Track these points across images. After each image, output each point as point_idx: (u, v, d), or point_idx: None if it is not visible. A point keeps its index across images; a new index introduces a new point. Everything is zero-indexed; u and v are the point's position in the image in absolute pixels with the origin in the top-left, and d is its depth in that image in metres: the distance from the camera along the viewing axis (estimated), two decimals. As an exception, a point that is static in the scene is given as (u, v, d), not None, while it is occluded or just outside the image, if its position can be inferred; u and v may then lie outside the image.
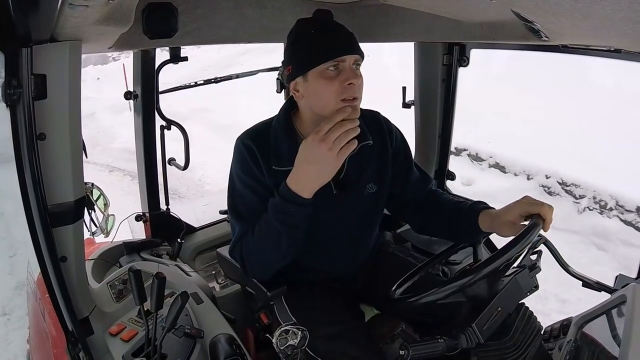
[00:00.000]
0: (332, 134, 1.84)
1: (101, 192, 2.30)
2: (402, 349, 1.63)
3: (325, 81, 2.02)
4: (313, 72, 2.04)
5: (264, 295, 2.25)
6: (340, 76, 2.01)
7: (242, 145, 2.18)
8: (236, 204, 2.18)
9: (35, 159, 1.60)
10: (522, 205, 1.97)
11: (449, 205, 2.37)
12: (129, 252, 3.11)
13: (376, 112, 2.47)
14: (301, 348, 1.86)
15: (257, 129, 2.28)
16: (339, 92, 2.01)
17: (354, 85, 2.00)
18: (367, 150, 2.31)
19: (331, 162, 1.88)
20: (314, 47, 2.04)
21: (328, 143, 1.84)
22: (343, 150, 1.86)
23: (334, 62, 2.00)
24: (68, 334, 1.90)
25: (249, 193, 2.13)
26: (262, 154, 2.14)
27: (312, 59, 2.04)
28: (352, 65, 2.03)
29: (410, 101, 3.65)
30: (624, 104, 8.62)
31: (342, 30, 2.10)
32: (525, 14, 1.67)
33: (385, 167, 2.36)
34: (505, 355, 1.74)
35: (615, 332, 1.60)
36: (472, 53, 3.34)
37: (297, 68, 2.11)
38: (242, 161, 2.17)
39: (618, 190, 7.77)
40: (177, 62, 2.95)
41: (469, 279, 1.71)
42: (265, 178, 2.13)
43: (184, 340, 1.96)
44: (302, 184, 1.94)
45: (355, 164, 2.27)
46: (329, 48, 2.02)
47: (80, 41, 1.67)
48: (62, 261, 1.83)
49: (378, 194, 2.36)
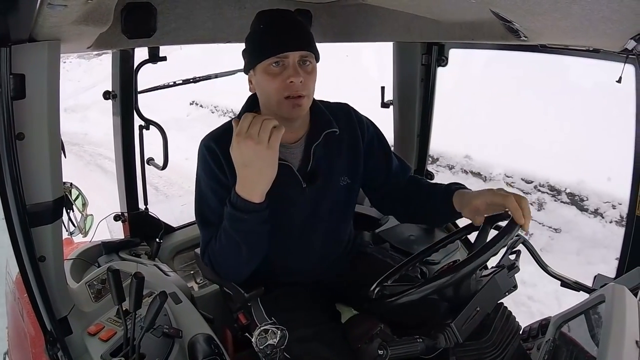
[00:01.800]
0: (253, 128, 1.82)
1: (80, 192, 2.29)
2: (381, 349, 1.63)
3: (268, 77, 2.05)
4: (259, 66, 2.07)
5: (241, 296, 2.26)
6: (284, 73, 2.03)
7: (204, 149, 2.18)
8: (202, 208, 2.18)
9: (14, 158, 1.60)
10: (488, 194, 1.98)
11: (426, 189, 2.39)
12: (108, 252, 3.09)
13: (345, 104, 2.47)
14: (280, 347, 1.86)
15: (219, 130, 2.27)
16: (281, 89, 2.04)
17: (294, 83, 2.02)
18: (335, 140, 2.31)
19: (266, 156, 1.84)
20: (259, 42, 2.08)
21: (253, 138, 1.81)
22: (273, 139, 1.83)
23: (276, 58, 2.02)
24: (46, 334, 1.90)
25: (214, 197, 2.12)
26: (225, 154, 2.08)
27: (256, 54, 2.07)
28: (297, 62, 2.04)
29: (389, 101, 3.67)
30: (604, 104, 8.69)
31: (290, 25, 2.11)
32: (504, 13, 1.69)
33: (357, 159, 2.37)
34: (484, 355, 1.75)
35: (594, 332, 1.60)
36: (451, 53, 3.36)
37: (247, 61, 2.15)
38: (205, 165, 2.17)
39: (599, 188, 7.82)
40: (155, 62, 2.94)
41: (447, 279, 1.71)
42: (229, 180, 2.10)
43: (162, 340, 1.95)
44: (248, 188, 1.91)
45: (323, 155, 2.27)
46: (271, 44, 2.04)
47: (59, 41, 1.67)
48: (41, 261, 1.82)
49: (351, 186, 2.37)
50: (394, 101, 3.68)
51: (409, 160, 3.71)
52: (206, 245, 2.13)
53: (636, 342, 1.41)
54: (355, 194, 2.43)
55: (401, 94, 3.62)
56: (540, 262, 2.10)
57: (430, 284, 1.72)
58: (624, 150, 2.55)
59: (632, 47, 1.66)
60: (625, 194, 2.33)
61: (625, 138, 2.42)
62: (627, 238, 2.31)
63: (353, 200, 2.46)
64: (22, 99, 1.59)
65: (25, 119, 1.62)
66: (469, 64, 10.54)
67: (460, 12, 2.15)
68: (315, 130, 2.28)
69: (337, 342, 2.20)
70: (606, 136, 7.96)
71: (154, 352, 1.90)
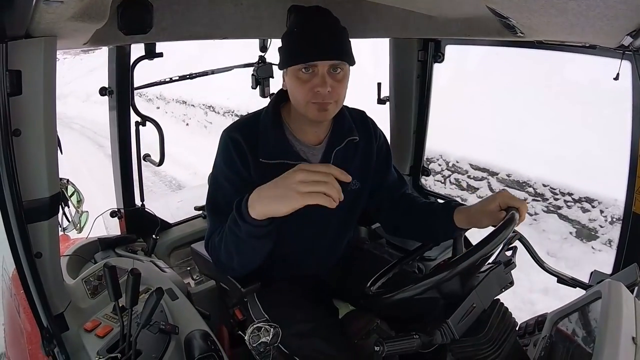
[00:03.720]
0: (315, 175, 1.65)
1: (75, 189, 2.29)
2: (377, 345, 1.63)
3: (298, 82, 2.04)
4: (290, 69, 2.06)
5: (238, 291, 2.26)
6: (313, 80, 2.02)
7: (228, 138, 2.16)
8: (216, 197, 2.16)
9: (10, 155, 1.59)
10: (504, 197, 1.99)
11: (422, 206, 2.39)
12: (104, 248, 3.10)
13: (362, 111, 2.49)
14: (274, 345, 1.86)
15: (245, 121, 2.27)
16: (308, 96, 2.03)
17: (320, 93, 2.01)
18: (352, 146, 2.32)
19: (291, 196, 1.67)
20: (291, 46, 2.07)
21: (306, 177, 1.65)
22: (312, 196, 1.65)
23: (306, 65, 2.01)
24: (43, 330, 1.89)
25: (230, 187, 2.11)
26: (250, 146, 2.12)
27: (288, 58, 2.07)
28: (327, 70, 2.02)
29: (385, 97, 3.67)
30: (600, 100, 8.68)
31: (329, 33, 2.07)
32: (500, 10, 1.69)
33: (368, 165, 2.39)
34: (481, 351, 1.74)
35: (590, 328, 1.61)
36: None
37: (280, 61, 2.14)
38: (226, 154, 2.15)
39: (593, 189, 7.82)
40: (152, 58, 2.94)
41: (445, 275, 1.71)
42: (251, 172, 2.11)
43: (159, 336, 1.95)
44: (255, 199, 1.78)
45: (341, 160, 2.27)
46: (302, 51, 2.02)
47: (55, 37, 1.66)
48: (37, 257, 1.82)
49: (360, 190, 2.37)
50: (390, 97, 3.68)
51: (405, 157, 3.73)
52: (211, 234, 2.11)
53: (632, 338, 1.41)
54: (363, 198, 2.44)
55: (397, 90, 3.62)
56: (537, 258, 2.10)
57: (426, 281, 1.72)
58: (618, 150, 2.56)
59: (629, 43, 1.66)
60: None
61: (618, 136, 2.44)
62: (623, 234, 2.32)
63: (361, 204, 2.46)
64: (19, 95, 1.58)
65: (22, 115, 1.62)
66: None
67: (457, 8, 2.15)
68: (338, 134, 2.29)
69: (336, 337, 2.21)
70: (600, 134, 7.98)
71: (151, 349, 1.90)
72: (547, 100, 9.34)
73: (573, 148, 8.16)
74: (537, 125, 8.96)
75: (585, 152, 8.04)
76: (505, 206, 1.97)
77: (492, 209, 2.00)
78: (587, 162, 7.96)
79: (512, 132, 9.11)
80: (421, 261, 3.07)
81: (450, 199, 2.32)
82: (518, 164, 8.53)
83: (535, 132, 8.86)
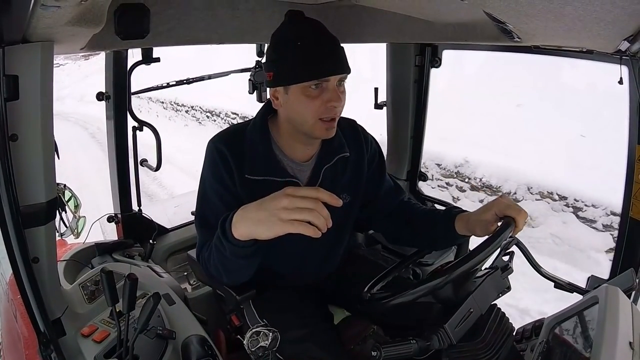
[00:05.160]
0: (300, 202, 1.59)
1: (72, 194, 2.29)
2: (374, 350, 1.63)
3: (306, 99, 1.98)
4: (295, 87, 1.99)
5: (233, 298, 2.26)
6: (323, 96, 1.98)
7: (214, 150, 2.12)
8: (204, 210, 2.15)
9: (7, 160, 1.59)
10: (500, 205, 1.98)
11: (422, 214, 2.38)
12: (101, 253, 3.09)
13: (353, 121, 2.46)
14: (272, 350, 1.86)
15: (231, 132, 2.23)
16: (319, 112, 1.99)
17: (336, 107, 1.99)
18: (342, 161, 2.30)
19: (274, 222, 1.62)
20: (298, 62, 1.98)
21: (290, 203, 1.59)
22: (294, 224, 1.59)
23: (317, 81, 1.96)
24: (40, 335, 1.89)
25: (217, 200, 2.09)
26: (235, 160, 2.09)
27: (296, 75, 1.99)
28: (336, 83, 1.99)
29: (382, 102, 3.67)
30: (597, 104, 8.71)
31: (332, 45, 2.04)
32: (497, 14, 1.69)
33: (359, 177, 2.37)
34: (478, 356, 1.74)
35: (587, 334, 1.61)
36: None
37: (278, 78, 2.04)
38: (213, 166, 2.12)
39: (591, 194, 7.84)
40: (149, 63, 2.94)
41: (441, 280, 1.71)
42: (236, 187, 2.09)
43: (156, 341, 1.95)
44: (239, 220, 1.73)
45: (330, 177, 2.26)
46: (315, 66, 1.96)
47: (53, 42, 1.66)
48: (34, 262, 1.82)
49: (351, 203, 2.36)
50: (388, 102, 3.69)
51: (402, 162, 3.73)
52: (201, 248, 2.11)
53: (629, 343, 1.41)
54: (355, 210, 2.43)
55: (394, 95, 3.63)
56: (534, 263, 2.10)
57: (423, 286, 1.72)
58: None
59: (626, 48, 1.66)
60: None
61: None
62: (620, 239, 2.32)
63: (352, 216, 2.45)
64: (16, 100, 1.58)
65: (19, 120, 1.62)
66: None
67: (453, 13, 2.15)
68: (328, 151, 2.26)
69: (331, 343, 2.20)
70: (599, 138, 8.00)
71: (148, 354, 1.89)
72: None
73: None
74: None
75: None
76: (502, 215, 1.96)
77: (486, 219, 2.01)
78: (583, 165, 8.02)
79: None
80: (418, 266, 3.07)
81: (451, 206, 2.31)
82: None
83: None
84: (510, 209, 1.95)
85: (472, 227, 2.09)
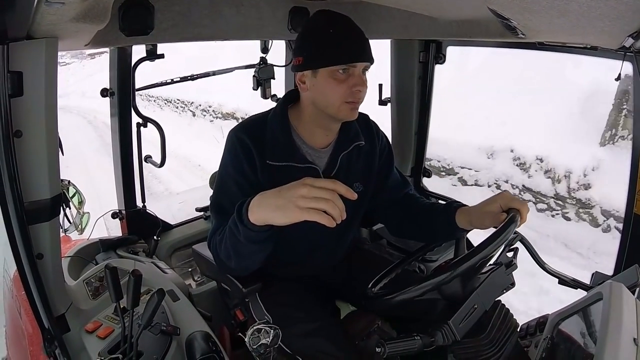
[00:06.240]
0: (318, 192, 1.62)
1: (77, 190, 2.29)
2: (378, 346, 1.63)
3: (334, 82, 2.04)
4: (324, 70, 2.05)
5: (239, 291, 2.26)
6: (349, 80, 2.03)
7: (235, 139, 2.15)
8: (221, 197, 2.15)
9: (12, 156, 1.59)
10: (504, 198, 2.00)
11: (424, 207, 2.40)
12: (105, 249, 3.10)
13: (365, 115, 2.49)
14: (274, 346, 1.86)
15: (252, 121, 2.26)
16: (345, 95, 2.04)
17: (360, 92, 2.04)
18: (357, 150, 2.33)
19: (291, 208, 1.64)
20: (330, 47, 2.04)
21: (308, 192, 1.62)
22: (311, 212, 1.62)
23: (345, 65, 2.02)
24: (44, 332, 1.89)
25: (235, 188, 2.10)
26: (257, 148, 2.12)
27: (327, 58, 2.04)
28: (361, 71, 2.06)
29: (386, 98, 3.67)
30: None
31: (360, 36, 2.10)
32: (501, 11, 1.69)
33: (372, 167, 2.40)
34: (482, 352, 1.74)
35: (592, 330, 1.60)
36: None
37: (308, 62, 2.10)
38: (233, 155, 2.14)
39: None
40: (153, 59, 2.94)
41: (446, 276, 1.71)
42: (257, 174, 2.11)
43: (160, 337, 1.95)
44: (257, 205, 1.75)
45: (346, 164, 2.29)
46: (345, 51, 2.03)
47: (57, 38, 1.66)
48: (39, 258, 1.82)
49: (363, 193, 2.37)
50: (392, 99, 3.70)
51: (406, 158, 3.74)
52: (214, 232, 2.11)
53: (634, 339, 1.41)
54: (366, 200, 2.44)
55: (399, 91, 3.64)
56: (538, 259, 2.10)
57: (428, 282, 1.72)
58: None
59: (630, 44, 1.66)
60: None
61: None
62: (624, 236, 2.32)
63: (364, 205, 2.46)
64: (20, 96, 1.58)
65: (23, 117, 1.62)
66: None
67: (458, 9, 2.15)
68: (345, 139, 2.31)
69: (339, 337, 2.22)
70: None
71: (152, 350, 1.90)
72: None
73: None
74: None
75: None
76: (506, 207, 1.97)
77: (492, 210, 2.00)
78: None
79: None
80: (422, 262, 3.07)
81: (452, 200, 2.31)
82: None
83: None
84: (515, 201, 1.98)
85: (477, 220, 2.10)
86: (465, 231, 2.21)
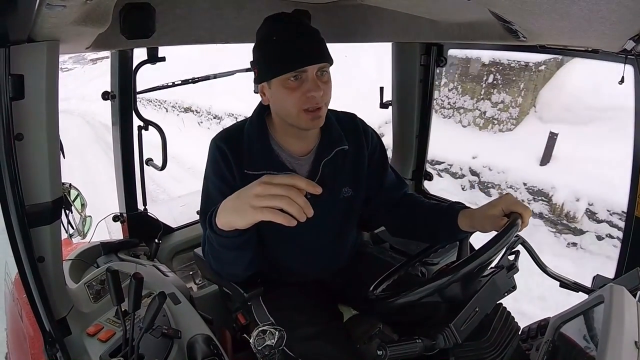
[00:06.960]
0: (273, 189, 1.54)
1: (78, 193, 2.29)
2: (380, 349, 1.63)
3: (286, 91, 2.01)
4: (276, 80, 2.03)
5: (240, 296, 2.27)
6: (303, 86, 2.00)
7: (215, 148, 2.17)
8: (207, 207, 2.12)
9: (13, 159, 1.59)
10: (507, 202, 1.99)
11: (425, 207, 2.38)
12: (107, 252, 3.09)
13: (352, 114, 2.47)
14: (279, 348, 1.86)
15: (230, 131, 2.26)
16: (300, 103, 2.00)
17: (315, 97, 1.99)
18: (342, 154, 2.30)
19: (246, 209, 1.61)
20: (274, 56, 2.03)
21: (263, 190, 1.55)
22: (265, 212, 1.55)
23: (294, 72, 1.98)
24: (45, 335, 1.89)
25: (219, 196, 2.05)
26: (235, 157, 2.12)
27: (273, 69, 2.03)
28: (315, 74, 2.01)
29: (388, 101, 3.67)
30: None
31: (306, 37, 2.06)
32: (503, 14, 1.69)
33: (361, 171, 2.37)
34: (483, 355, 1.75)
35: (593, 333, 1.60)
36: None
37: (261, 74, 2.10)
38: (214, 164, 2.16)
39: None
40: (154, 62, 2.93)
41: (448, 279, 1.71)
42: (237, 182, 2.10)
43: (161, 340, 1.94)
44: (221, 209, 1.76)
45: (330, 169, 2.26)
46: (290, 58, 1.99)
47: (58, 41, 1.66)
48: (40, 261, 1.82)
49: (353, 197, 2.36)
50: (393, 102, 3.70)
51: (407, 161, 3.73)
52: (204, 242, 2.10)
53: (635, 342, 1.41)
54: (358, 203, 2.43)
55: (400, 94, 3.63)
56: (539, 262, 2.10)
57: (429, 285, 1.73)
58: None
59: (631, 47, 1.66)
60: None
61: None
62: (626, 239, 2.32)
63: (356, 210, 2.46)
64: (21, 99, 1.58)
65: (24, 120, 1.62)
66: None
67: (459, 12, 2.15)
68: (326, 144, 2.28)
69: (342, 341, 2.22)
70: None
71: (153, 353, 1.89)
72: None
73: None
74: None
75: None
76: (509, 211, 1.97)
77: (494, 214, 2.00)
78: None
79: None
80: (424, 265, 3.07)
81: (455, 201, 2.31)
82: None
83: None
84: (517, 205, 1.97)
85: (478, 223, 2.09)
86: (469, 234, 2.21)
